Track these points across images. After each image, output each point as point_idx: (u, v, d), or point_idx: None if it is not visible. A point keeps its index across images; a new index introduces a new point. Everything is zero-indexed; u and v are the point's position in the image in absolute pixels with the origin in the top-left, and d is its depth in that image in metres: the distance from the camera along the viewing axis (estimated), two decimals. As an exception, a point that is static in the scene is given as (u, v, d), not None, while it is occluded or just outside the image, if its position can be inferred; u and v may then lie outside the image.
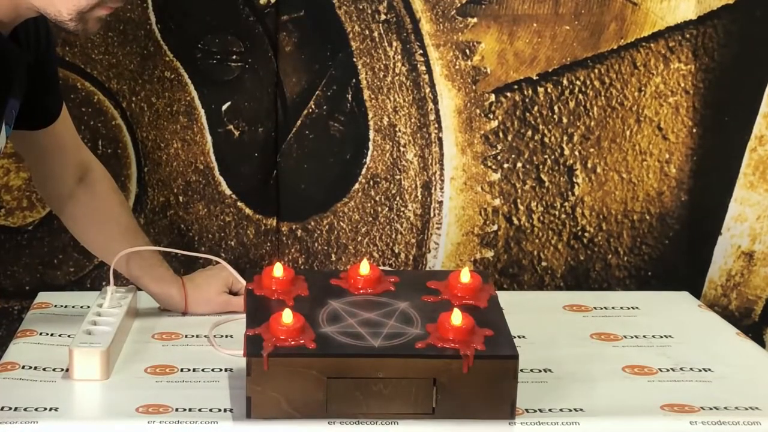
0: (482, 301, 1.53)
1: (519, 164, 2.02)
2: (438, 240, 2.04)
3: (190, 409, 1.42)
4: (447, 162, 2.01)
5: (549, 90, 2.00)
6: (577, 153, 2.03)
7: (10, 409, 1.39)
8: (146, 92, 1.96)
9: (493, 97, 1.99)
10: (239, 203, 2.00)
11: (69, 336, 1.62)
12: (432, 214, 2.03)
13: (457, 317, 1.41)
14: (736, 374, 1.60)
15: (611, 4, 1.96)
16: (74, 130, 1.71)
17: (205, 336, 1.67)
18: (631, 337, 1.74)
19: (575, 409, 1.46)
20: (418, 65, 1.97)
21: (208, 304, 1.75)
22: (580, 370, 1.60)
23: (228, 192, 2.00)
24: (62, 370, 1.52)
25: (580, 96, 2.00)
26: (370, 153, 2.01)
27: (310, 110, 1.98)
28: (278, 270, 1.53)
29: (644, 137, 2.03)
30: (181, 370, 1.56)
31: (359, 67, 1.97)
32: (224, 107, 1.98)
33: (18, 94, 1.48)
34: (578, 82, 2.00)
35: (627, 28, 1.98)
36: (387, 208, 2.03)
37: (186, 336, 1.68)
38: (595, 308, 1.87)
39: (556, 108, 2.00)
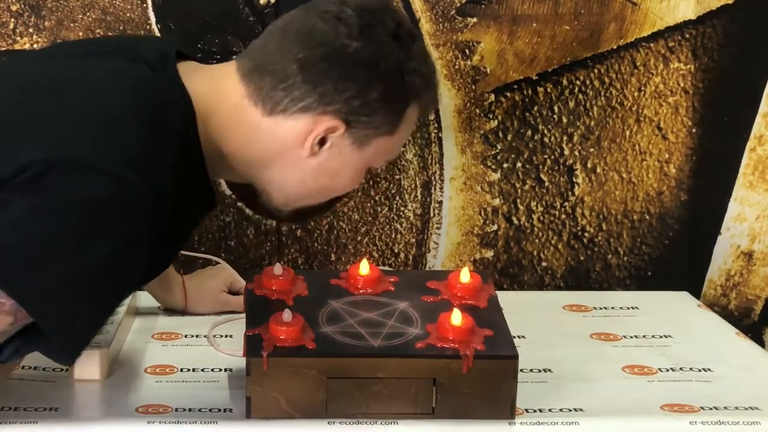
0: (482, 301, 1.53)
1: (519, 164, 2.02)
2: (438, 240, 2.04)
3: (190, 409, 1.42)
4: (447, 162, 2.01)
5: (549, 90, 2.00)
6: (576, 153, 2.03)
7: (10, 409, 1.39)
8: (146, 92, 1.96)
9: (492, 97, 1.99)
10: (239, 203, 2.00)
11: (69, 336, 1.62)
12: (432, 214, 2.03)
13: (457, 317, 1.41)
14: (735, 374, 1.60)
15: (611, 4, 1.96)
16: None
17: (204, 336, 1.67)
18: (631, 337, 1.74)
19: (575, 409, 1.46)
20: (418, 65, 1.97)
21: (208, 304, 1.75)
22: (580, 370, 1.60)
23: (228, 192, 2.00)
24: (62, 370, 1.52)
25: (580, 96, 2.00)
26: (369, 153, 2.00)
27: (310, 110, 1.98)
28: (278, 270, 1.53)
29: (644, 137, 2.03)
30: (181, 370, 1.56)
31: (359, 67, 1.97)
32: (224, 107, 1.97)
33: None
34: (578, 82, 2.00)
35: (627, 28, 1.98)
36: (387, 208, 2.03)
37: (186, 336, 1.68)
38: (595, 308, 1.87)
39: (555, 108, 2.00)
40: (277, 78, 1.31)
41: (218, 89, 1.33)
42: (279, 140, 1.33)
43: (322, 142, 1.33)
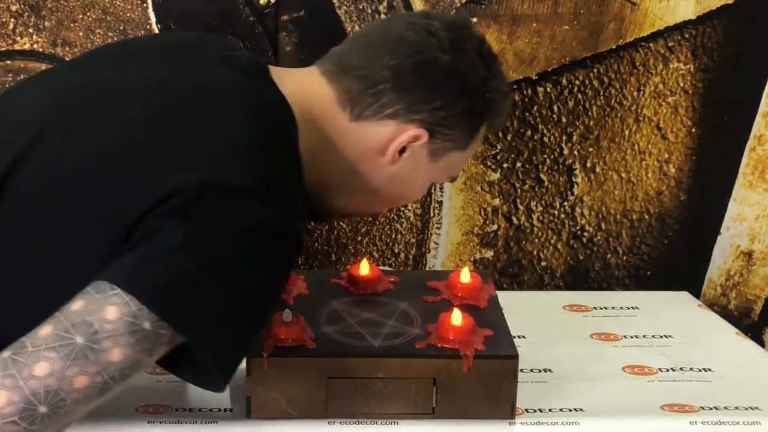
0: (482, 301, 1.54)
1: (518, 164, 2.02)
2: (438, 240, 2.04)
3: (190, 409, 1.42)
4: (446, 162, 2.01)
5: (548, 89, 2.00)
6: (576, 153, 2.03)
7: (11, 409, 1.39)
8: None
9: (492, 97, 1.99)
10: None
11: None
12: (432, 214, 2.03)
13: (457, 317, 1.42)
14: (736, 374, 1.60)
15: (610, 4, 1.96)
16: None
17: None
18: (631, 337, 1.74)
19: (575, 409, 1.46)
20: (418, 65, 1.97)
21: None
22: (580, 370, 1.60)
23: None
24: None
25: (579, 96, 2.00)
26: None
27: (310, 110, 1.98)
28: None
29: (643, 137, 2.03)
30: (181, 370, 1.56)
31: (359, 66, 1.97)
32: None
33: None
34: (577, 82, 2.00)
35: (626, 27, 1.98)
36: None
37: (186, 336, 1.68)
38: (595, 308, 1.87)
39: (555, 107, 2.00)
40: (366, 83, 1.31)
41: (308, 95, 1.31)
42: (362, 145, 1.33)
43: (402, 150, 1.33)
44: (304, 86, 1.32)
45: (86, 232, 1.14)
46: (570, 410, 1.46)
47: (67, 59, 1.90)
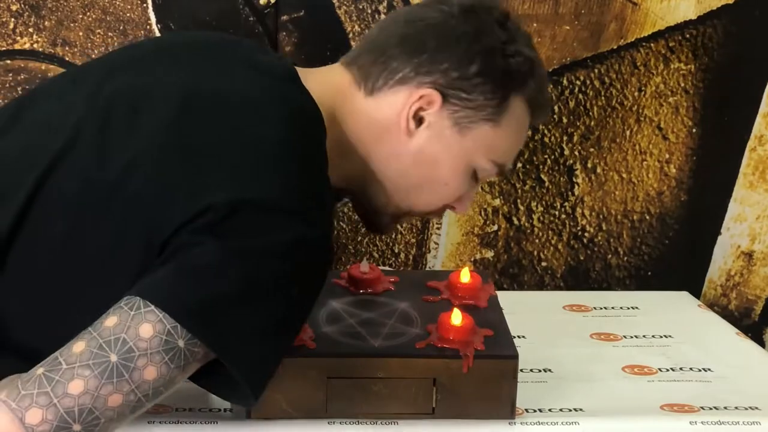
0: (482, 301, 1.54)
1: (519, 164, 2.02)
2: (438, 240, 2.04)
3: (190, 409, 1.42)
4: (447, 162, 2.01)
5: (549, 89, 2.00)
6: (577, 153, 2.03)
7: (10, 409, 1.39)
8: (146, 92, 1.96)
9: (493, 97, 1.99)
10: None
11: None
12: (432, 214, 2.03)
13: (457, 317, 1.42)
14: (736, 374, 1.60)
15: (611, 4, 1.96)
16: None
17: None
18: (631, 337, 1.74)
19: (575, 409, 1.46)
20: (418, 65, 1.97)
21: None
22: (580, 370, 1.60)
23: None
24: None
25: (580, 96, 2.00)
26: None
27: (310, 110, 1.98)
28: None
29: (644, 137, 2.03)
30: (181, 370, 1.55)
31: (359, 67, 1.97)
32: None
33: None
34: (578, 82, 2.00)
35: (627, 28, 1.97)
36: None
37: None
38: (595, 308, 1.87)
39: (556, 108, 2.00)
40: (375, 54, 1.30)
41: (331, 86, 1.30)
42: (379, 120, 1.29)
43: (420, 121, 1.29)
44: (326, 80, 1.31)
45: (121, 242, 1.13)
46: (570, 410, 1.46)
47: (66, 59, 1.90)
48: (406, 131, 1.29)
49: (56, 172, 1.16)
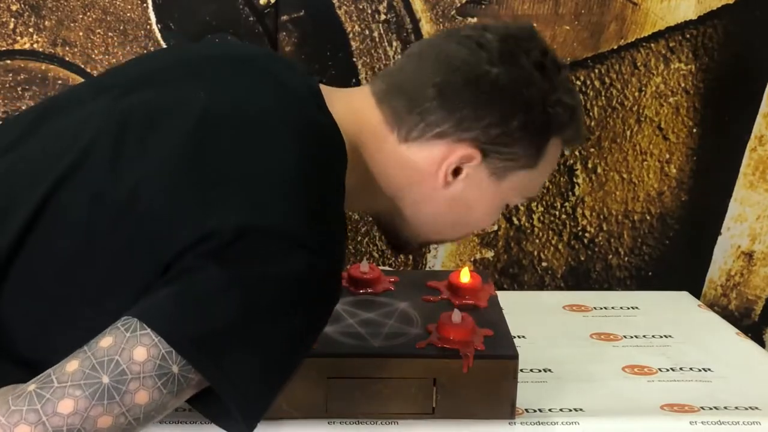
0: (482, 301, 1.54)
1: (519, 164, 2.02)
2: (438, 240, 2.04)
3: (190, 409, 1.42)
4: (447, 162, 2.01)
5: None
6: (577, 153, 2.02)
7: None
8: (146, 92, 1.96)
9: (493, 97, 1.99)
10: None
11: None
12: (432, 214, 2.03)
13: (457, 317, 1.42)
14: (736, 374, 1.60)
15: (611, 4, 1.96)
16: None
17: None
18: (631, 337, 1.74)
19: (575, 409, 1.46)
20: (418, 65, 1.97)
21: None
22: (580, 370, 1.60)
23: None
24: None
25: (581, 96, 2.00)
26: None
27: (311, 110, 1.98)
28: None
29: (644, 137, 2.03)
30: (181, 370, 1.55)
31: (359, 67, 1.97)
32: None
33: None
34: (578, 82, 2.00)
35: (627, 28, 1.97)
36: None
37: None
38: (595, 308, 1.87)
39: (556, 108, 2.00)
40: (412, 102, 1.24)
41: (358, 117, 1.25)
42: (414, 168, 1.25)
43: (457, 171, 1.25)
44: (354, 108, 1.26)
45: (126, 261, 1.10)
46: (570, 410, 1.46)
47: (66, 59, 1.90)
48: (443, 183, 1.26)
49: (65, 187, 1.14)
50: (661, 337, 1.74)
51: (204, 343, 1.05)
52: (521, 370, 1.42)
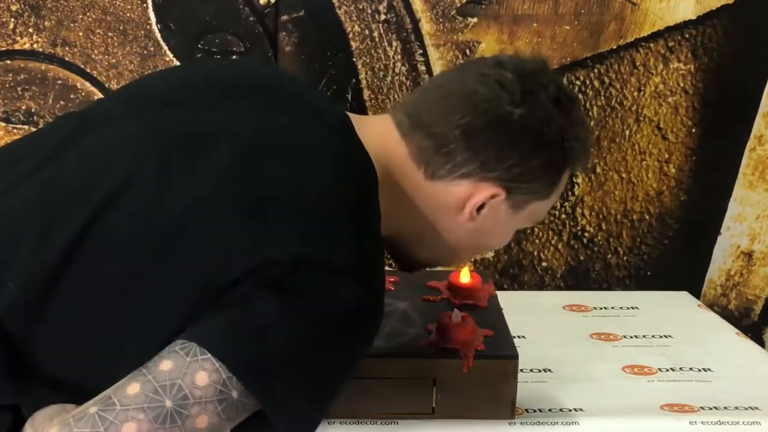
0: (482, 301, 1.53)
1: (519, 164, 2.02)
2: (438, 240, 2.04)
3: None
4: (447, 162, 2.01)
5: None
6: (576, 153, 2.03)
7: (11, 409, 1.39)
8: (146, 92, 1.96)
9: (492, 97, 1.99)
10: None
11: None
12: (432, 214, 2.03)
13: (457, 317, 1.42)
14: (735, 374, 1.60)
15: (611, 4, 1.96)
16: None
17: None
18: (631, 337, 1.74)
19: (575, 409, 1.46)
20: (418, 65, 1.97)
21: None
22: (580, 370, 1.60)
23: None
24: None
25: (580, 96, 2.00)
26: (369, 153, 2.00)
27: (310, 110, 1.98)
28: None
29: (644, 137, 2.03)
30: (182, 370, 1.55)
31: (359, 67, 1.97)
32: (224, 107, 1.97)
33: None
34: (578, 82, 2.00)
35: (626, 28, 1.98)
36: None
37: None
38: (595, 308, 1.87)
39: (555, 108, 2.00)
40: (439, 142, 1.27)
41: (385, 148, 1.28)
42: (438, 204, 1.29)
43: (480, 207, 1.29)
44: (381, 139, 1.28)
45: (174, 286, 1.11)
46: (570, 410, 1.46)
47: (66, 59, 1.90)
48: (468, 218, 1.30)
49: (111, 208, 1.14)
50: (661, 337, 1.74)
51: (263, 371, 1.08)
52: (521, 370, 1.42)
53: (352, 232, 1.14)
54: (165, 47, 1.93)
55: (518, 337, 1.57)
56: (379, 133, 1.29)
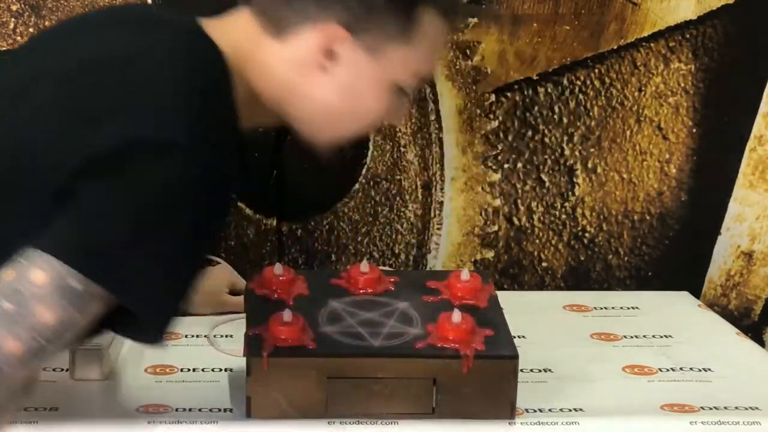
0: (482, 301, 1.53)
1: (519, 164, 2.02)
2: (438, 240, 2.04)
3: (190, 409, 1.42)
4: (447, 162, 2.01)
5: (549, 90, 2.00)
6: (577, 153, 2.03)
7: (11, 409, 1.39)
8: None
9: (493, 97, 1.99)
10: (239, 203, 2.00)
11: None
12: (432, 215, 2.03)
13: (457, 317, 1.41)
14: (736, 374, 1.60)
15: (611, 4, 1.96)
16: None
17: (205, 336, 1.67)
18: (631, 337, 1.74)
19: (575, 409, 1.46)
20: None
21: (209, 304, 1.75)
22: (580, 370, 1.60)
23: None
24: (62, 370, 1.52)
25: (581, 96, 2.00)
26: (370, 153, 2.01)
27: (311, 110, 1.98)
28: (278, 270, 1.53)
29: (644, 137, 2.03)
30: (181, 370, 1.56)
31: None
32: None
33: None
34: (578, 82, 2.00)
35: (627, 28, 1.98)
36: (387, 209, 2.02)
37: (186, 336, 1.68)
38: (595, 308, 1.87)
39: (556, 108, 2.00)
40: None
41: (237, 35, 1.30)
42: (292, 62, 1.28)
43: (332, 56, 1.28)
44: (233, 29, 1.30)
45: (19, 197, 1.16)
46: (570, 410, 1.46)
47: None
48: (320, 69, 1.28)
49: None
50: (661, 337, 1.74)
51: (98, 257, 1.11)
52: (521, 370, 1.42)
53: (182, 109, 1.17)
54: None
55: (518, 337, 1.56)
56: (230, 24, 1.32)
